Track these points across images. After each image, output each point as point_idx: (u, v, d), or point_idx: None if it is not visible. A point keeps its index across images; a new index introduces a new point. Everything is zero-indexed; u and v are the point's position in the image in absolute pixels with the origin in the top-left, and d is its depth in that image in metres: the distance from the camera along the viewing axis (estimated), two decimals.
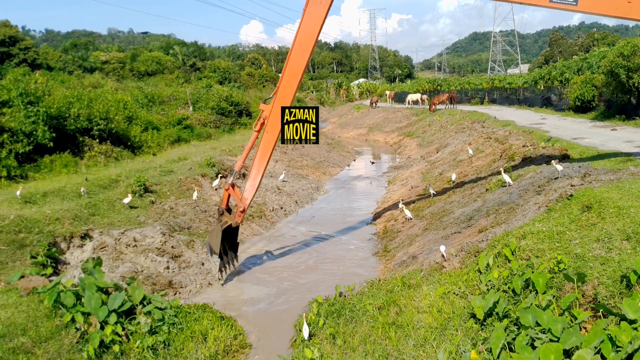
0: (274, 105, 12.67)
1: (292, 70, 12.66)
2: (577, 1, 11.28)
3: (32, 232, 11.89)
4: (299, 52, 12.56)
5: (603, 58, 29.22)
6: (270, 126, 12.76)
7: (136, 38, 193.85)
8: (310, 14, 12.27)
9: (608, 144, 17.10)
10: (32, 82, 21.94)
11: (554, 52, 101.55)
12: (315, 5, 12.20)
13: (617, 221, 7.61)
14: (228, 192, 13.02)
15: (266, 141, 12.93)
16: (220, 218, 12.96)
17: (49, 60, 70.50)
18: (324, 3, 12.20)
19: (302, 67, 12.75)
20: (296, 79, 12.73)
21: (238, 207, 13.10)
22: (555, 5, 11.54)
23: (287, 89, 12.73)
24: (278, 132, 12.79)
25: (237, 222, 13.07)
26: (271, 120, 12.71)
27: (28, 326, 8.15)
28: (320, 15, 12.31)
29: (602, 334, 5.21)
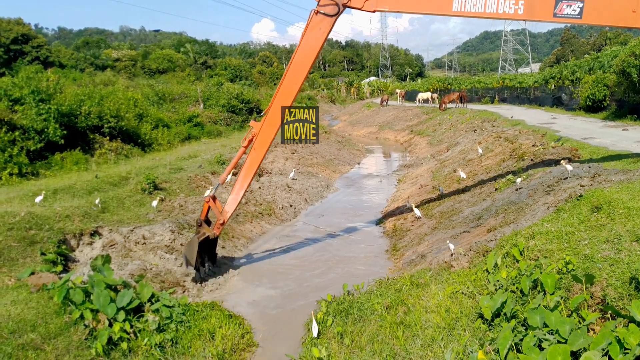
0: (263, 124, 12.73)
1: (286, 91, 12.68)
2: (582, 14, 11.27)
3: (43, 229, 11.99)
4: (294, 74, 12.60)
5: (615, 57, 28.99)
6: (259, 144, 12.80)
7: (148, 36, 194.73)
8: (308, 39, 12.33)
9: (619, 144, 16.96)
10: (44, 80, 22.12)
11: (565, 51, 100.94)
12: (315, 31, 12.25)
13: (626, 222, 7.54)
14: (208, 204, 12.93)
15: (252, 158, 12.95)
16: (199, 229, 12.85)
17: (61, 58, 71.05)
18: (323, 30, 12.24)
19: (296, 88, 12.79)
20: (289, 100, 12.74)
21: (218, 220, 13.01)
22: (560, 19, 11.56)
23: (278, 110, 12.73)
24: (265, 150, 12.97)
25: (214, 233, 12.96)
26: (260, 138, 12.76)
27: (37, 322, 8.23)
28: (319, 40, 12.39)
29: (610, 335, 5.17)
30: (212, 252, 13.42)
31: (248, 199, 19.08)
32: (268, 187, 21.00)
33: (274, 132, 12.91)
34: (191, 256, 12.25)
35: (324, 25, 12.20)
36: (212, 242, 13.17)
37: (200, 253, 12.52)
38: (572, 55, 79.07)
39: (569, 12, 11.27)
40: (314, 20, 12.17)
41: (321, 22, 12.18)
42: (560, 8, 11.31)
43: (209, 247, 13.14)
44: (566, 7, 11.27)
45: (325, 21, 12.16)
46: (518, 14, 11.59)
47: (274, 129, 12.85)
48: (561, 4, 11.29)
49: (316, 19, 12.15)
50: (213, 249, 13.46)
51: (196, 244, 12.25)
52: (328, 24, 12.23)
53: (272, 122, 12.76)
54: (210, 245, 13.19)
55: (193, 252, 12.25)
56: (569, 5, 11.25)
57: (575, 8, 11.24)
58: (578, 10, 11.24)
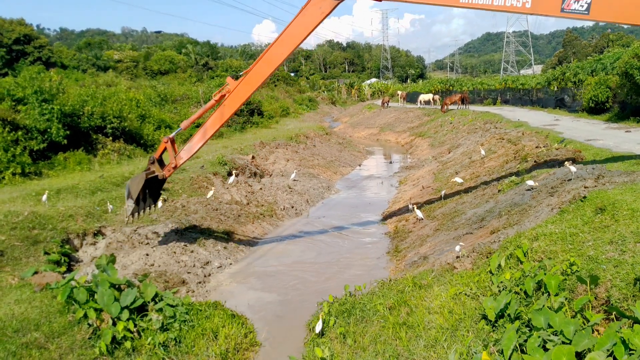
0: (239, 84, 12.80)
1: (269, 59, 12.76)
2: (589, 10, 11.14)
3: (46, 228, 12.02)
4: (282, 44, 12.64)
5: (617, 59, 29.01)
6: (229, 101, 12.97)
7: (149, 37, 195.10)
8: (305, 15, 12.33)
9: (622, 145, 16.96)
10: (46, 80, 22.15)
11: (567, 53, 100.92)
12: (315, 9, 12.23)
13: (630, 223, 7.55)
14: (166, 145, 13.05)
15: (220, 113, 13.12)
16: (149, 166, 13.02)
17: (63, 59, 71.10)
18: (323, 10, 12.22)
19: (279, 59, 12.90)
20: (270, 68, 12.85)
21: (170, 163, 13.19)
22: (568, 15, 11.40)
23: (258, 75, 12.84)
24: (234, 110, 13.15)
25: (164, 175, 13.17)
26: (232, 96, 12.89)
27: (41, 321, 8.24)
28: (316, 19, 12.35)
29: (614, 336, 5.17)
30: (156, 193, 13.61)
31: (250, 200, 19.10)
32: (269, 188, 21.01)
33: (248, 94, 13.03)
34: (134, 189, 12.53)
35: (324, 5, 12.18)
36: (159, 182, 13.37)
37: (144, 190, 12.68)
38: (574, 57, 79.08)
39: (577, 8, 11.15)
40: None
41: (323, 2, 12.15)
42: (568, 3, 11.20)
43: (155, 187, 13.32)
44: (574, 2, 11.15)
45: (327, 2, 12.12)
46: (525, 8, 11.50)
47: (248, 91, 12.95)
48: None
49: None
50: (159, 190, 13.65)
51: (143, 179, 12.58)
52: (329, 6, 12.20)
53: (249, 84, 12.84)
54: (157, 185, 13.36)
55: (138, 185, 12.55)
56: (576, 1, 11.16)
57: (583, 3, 11.11)
58: (586, 5, 11.10)
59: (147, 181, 12.72)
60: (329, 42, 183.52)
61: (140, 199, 12.72)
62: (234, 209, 17.67)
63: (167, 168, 13.15)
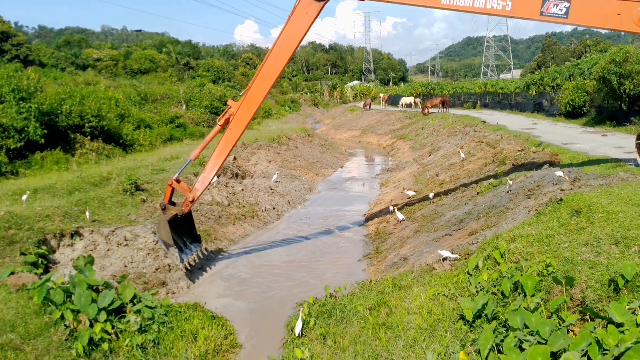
0: (242, 104, 12.65)
1: (266, 73, 12.64)
2: (568, 14, 11.41)
3: (22, 228, 11.84)
4: (275, 58, 12.55)
5: (595, 64, 29.44)
6: (235, 124, 12.76)
7: (130, 36, 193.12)
8: (293, 22, 12.32)
9: (598, 149, 17.24)
10: (24, 79, 21.87)
11: (546, 58, 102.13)
12: (302, 15, 12.22)
13: (605, 226, 7.67)
14: (172, 187, 12.87)
15: (228, 138, 12.89)
16: (164, 212, 12.79)
17: (42, 57, 70.20)
18: (310, 14, 12.22)
19: (276, 73, 12.75)
20: (268, 83, 12.71)
21: (187, 198, 12.92)
22: (547, 18, 11.67)
23: (257, 91, 12.69)
24: (241, 131, 12.87)
25: (182, 210, 12.88)
26: (237, 118, 12.71)
27: (17, 323, 8.11)
28: (304, 25, 12.36)
29: (589, 336, 5.26)
30: (191, 231, 13.36)
31: (231, 201, 19.03)
32: (251, 190, 20.95)
33: (252, 113, 12.87)
34: (166, 237, 12.26)
35: (310, 9, 12.17)
36: (186, 221, 13.07)
37: (178, 234, 12.50)
38: (553, 62, 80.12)
39: (556, 12, 11.41)
40: (302, 4, 12.14)
41: (308, 6, 12.14)
42: (547, 7, 11.45)
43: (186, 227, 13.08)
44: (553, 6, 11.42)
45: (312, 5, 12.12)
46: (506, 10, 11.71)
47: (251, 110, 12.80)
48: (548, 2, 11.44)
49: (303, 2, 12.11)
50: (191, 228, 13.39)
51: (166, 225, 12.26)
52: (315, 9, 12.19)
53: (251, 102, 12.70)
54: (186, 224, 13.12)
55: (166, 232, 12.25)
56: (555, 5, 11.40)
57: (562, 7, 11.38)
58: (564, 9, 11.38)
59: (172, 223, 12.54)
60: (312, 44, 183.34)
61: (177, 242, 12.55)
62: (215, 210, 17.59)
63: (185, 203, 12.92)
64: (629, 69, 23.11)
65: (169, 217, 12.46)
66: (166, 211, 12.70)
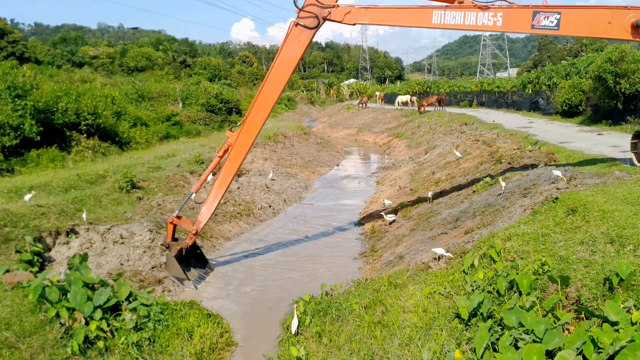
0: (239, 134, 12.57)
1: (262, 104, 12.58)
2: (559, 26, 11.55)
3: (18, 226, 11.80)
4: (270, 87, 12.51)
5: (591, 63, 29.51)
6: (234, 155, 12.66)
7: (126, 33, 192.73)
8: (287, 51, 12.35)
9: (594, 148, 17.28)
10: (20, 76, 21.80)
11: (542, 57, 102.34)
12: (294, 42, 12.27)
13: (601, 224, 7.69)
14: (173, 224, 12.70)
15: (227, 169, 12.78)
16: (169, 250, 12.69)
17: (38, 54, 70.05)
18: (302, 42, 12.28)
19: (272, 101, 12.70)
20: (265, 113, 12.65)
21: (190, 231, 12.82)
22: (538, 31, 11.85)
23: (256, 117, 12.61)
24: (241, 161, 12.84)
25: (187, 244, 12.81)
26: (235, 148, 12.61)
27: (12, 321, 8.10)
28: (298, 52, 12.44)
29: (584, 335, 5.27)
30: (196, 257, 13.36)
31: (227, 199, 19.01)
32: (247, 188, 20.94)
33: (250, 143, 12.77)
34: (177, 272, 12.28)
35: (303, 37, 12.24)
36: (191, 251, 13.09)
37: (185, 264, 12.56)
38: (549, 61, 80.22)
39: (547, 24, 11.56)
40: (294, 32, 12.18)
41: (300, 35, 12.20)
42: (537, 20, 11.59)
43: (191, 256, 13.11)
44: (543, 19, 11.56)
45: (304, 33, 12.18)
46: (497, 26, 11.88)
47: (250, 140, 12.69)
48: (538, 16, 11.57)
49: (296, 30, 12.17)
50: (196, 254, 13.38)
51: (174, 260, 12.27)
52: (307, 37, 12.29)
53: (249, 132, 12.61)
54: (191, 253, 13.13)
55: (176, 268, 12.27)
56: (546, 17, 11.54)
57: (552, 20, 11.53)
58: (555, 21, 11.52)
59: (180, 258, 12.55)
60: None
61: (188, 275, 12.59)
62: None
63: (189, 237, 12.85)
64: (624, 68, 23.16)
65: (175, 254, 12.45)
66: (171, 249, 12.67)
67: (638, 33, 11.32)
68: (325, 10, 11.98)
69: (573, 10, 11.65)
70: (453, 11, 11.79)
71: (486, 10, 11.71)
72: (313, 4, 11.96)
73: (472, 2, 11.84)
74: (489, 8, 11.70)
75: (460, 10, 11.79)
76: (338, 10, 12.03)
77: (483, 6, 11.71)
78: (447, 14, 11.82)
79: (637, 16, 11.23)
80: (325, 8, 11.98)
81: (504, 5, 11.83)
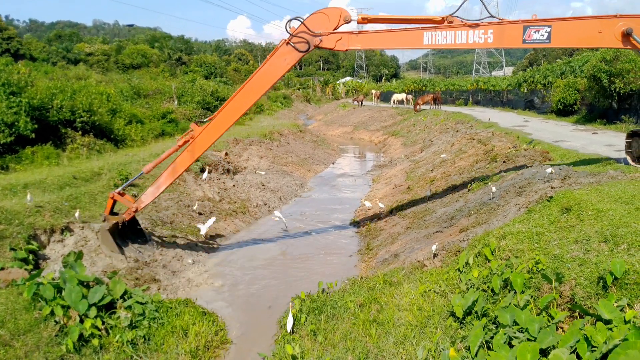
0: (203, 130, 12.56)
1: (234, 107, 12.59)
2: (550, 39, 11.68)
3: (12, 223, 11.75)
4: (248, 93, 12.51)
5: (586, 62, 29.61)
6: (193, 148, 12.67)
7: (122, 30, 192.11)
8: (272, 65, 12.36)
9: (589, 147, 17.35)
10: (14, 73, 21.66)
11: (538, 56, 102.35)
12: (280, 60, 12.28)
13: (595, 223, 7.73)
14: (114, 199, 12.71)
15: (183, 158, 12.80)
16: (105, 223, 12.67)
17: (33, 51, 69.80)
18: (289, 61, 12.32)
19: (243, 109, 12.78)
20: (235, 116, 12.70)
21: (130, 208, 12.77)
22: (530, 45, 12.06)
23: (223, 121, 12.63)
24: (197, 156, 12.93)
25: (124, 218, 12.75)
26: (196, 142, 12.62)
27: (6, 318, 8.07)
28: (282, 70, 12.50)
29: (578, 333, 5.30)
30: (136, 232, 13.37)
31: (222, 196, 19.01)
32: (242, 185, 20.93)
33: (211, 143, 12.83)
34: (110, 246, 12.24)
35: (290, 57, 12.26)
36: (128, 225, 13.03)
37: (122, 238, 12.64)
38: (545, 60, 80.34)
39: (538, 38, 11.69)
40: (282, 50, 12.19)
41: (288, 54, 12.21)
42: (528, 34, 11.72)
43: (129, 231, 13.10)
44: (534, 32, 11.70)
45: (292, 54, 12.20)
46: (488, 43, 11.99)
47: (211, 140, 12.73)
48: (529, 30, 11.71)
49: (285, 49, 12.18)
50: (135, 229, 13.39)
51: (106, 233, 12.27)
52: (294, 58, 12.34)
53: (212, 133, 12.63)
54: (129, 228, 13.10)
55: (108, 242, 12.25)
56: (537, 31, 11.69)
57: (543, 33, 11.67)
58: (546, 35, 11.66)
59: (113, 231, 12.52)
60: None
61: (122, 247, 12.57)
62: (206, 205, 17.56)
63: (127, 212, 12.80)
64: (619, 68, 23.26)
65: (109, 227, 12.47)
66: (106, 222, 12.68)
67: (629, 41, 11.48)
68: (316, 38, 12.03)
69: (563, 22, 11.83)
70: (444, 31, 11.89)
71: (476, 28, 11.82)
72: (304, 31, 12.02)
73: (461, 21, 11.92)
74: (479, 26, 11.83)
75: (450, 30, 11.89)
76: (329, 37, 12.06)
77: (473, 24, 11.82)
78: (438, 34, 11.91)
79: (627, 24, 11.38)
80: (317, 36, 12.03)
81: (494, 22, 12.00)
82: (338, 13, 12.09)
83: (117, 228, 12.69)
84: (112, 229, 12.50)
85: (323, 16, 12.09)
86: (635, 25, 11.37)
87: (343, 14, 12.07)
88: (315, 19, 12.09)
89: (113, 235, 12.45)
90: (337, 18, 12.04)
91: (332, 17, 12.06)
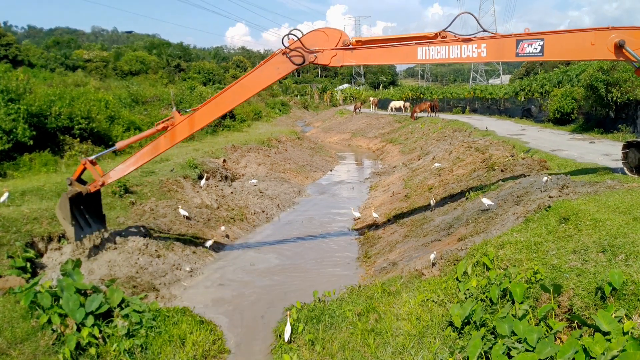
0: (184, 120, 12.71)
1: (219, 103, 12.72)
2: (543, 52, 11.80)
3: (10, 231, 11.74)
4: (234, 93, 12.65)
5: (583, 72, 29.70)
6: (170, 135, 12.84)
7: (120, 37, 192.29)
8: (262, 71, 12.52)
9: (586, 156, 17.39)
10: (13, 79, 21.66)
11: (535, 64, 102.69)
12: (273, 68, 12.44)
13: (593, 233, 7.74)
14: (85, 166, 12.70)
15: (159, 143, 13.00)
16: (70, 188, 12.59)
17: (31, 57, 69.81)
18: (281, 71, 12.50)
19: (229, 106, 13.06)
20: (218, 112, 12.94)
21: (97, 180, 12.77)
22: (523, 58, 12.24)
23: (204, 115, 12.79)
24: (173, 144, 13.11)
25: (88, 189, 12.70)
26: (174, 130, 12.76)
27: (3, 327, 8.05)
28: (272, 78, 12.72)
29: (576, 344, 5.30)
30: (97, 212, 13.30)
31: (220, 203, 19.00)
32: (240, 192, 20.92)
33: (189, 133, 13.12)
34: (64, 212, 12.14)
35: (283, 67, 12.40)
36: (90, 199, 12.96)
37: (80, 212, 12.49)
38: (542, 68, 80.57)
39: (531, 51, 11.83)
40: (277, 59, 12.32)
41: (282, 64, 12.34)
42: (521, 48, 11.86)
43: (92, 206, 13.03)
44: (527, 46, 11.84)
45: (286, 64, 12.33)
46: (482, 57, 12.13)
47: (190, 130, 12.98)
48: (522, 44, 11.85)
49: (279, 58, 12.30)
50: (98, 209, 13.32)
51: (66, 200, 12.16)
52: (287, 69, 12.49)
53: (193, 123, 12.81)
54: (92, 204, 13.04)
55: (64, 207, 12.14)
56: (529, 45, 11.84)
57: (536, 47, 11.82)
58: (539, 48, 11.79)
59: (74, 201, 12.39)
60: None
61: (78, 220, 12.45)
62: (204, 212, 17.55)
63: (93, 185, 12.78)
64: (616, 77, 23.37)
65: (72, 194, 12.37)
66: (71, 187, 12.61)
67: (621, 53, 11.55)
68: (312, 55, 12.15)
69: (556, 35, 11.94)
70: (437, 46, 12.03)
71: (469, 43, 11.96)
72: (300, 47, 12.15)
73: (455, 36, 12.00)
74: (472, 40, 11.95)
75: (444, 45, 12.02)
76: (324, 54, 12.20)
77: (466, 39, 11.95)
78: (432, 49, 12.05)
79: (619, 36, 11.46)
80: (312, 53, 12.14)
81: (487, 36, 12.11)
82: (338, 35, 12.24)
83: (79, 198, 12.57)
84: (73, 197, 12.36)
85: (322, 35, 12.23)
86: (627, 37, 11.45)
87: (343, 37, 12.24)
88: (314, 36, 12.25)
89: (72, 204, 12.30)
90: (337, 40, 12.22)
91: (332, 38, 12.24)
